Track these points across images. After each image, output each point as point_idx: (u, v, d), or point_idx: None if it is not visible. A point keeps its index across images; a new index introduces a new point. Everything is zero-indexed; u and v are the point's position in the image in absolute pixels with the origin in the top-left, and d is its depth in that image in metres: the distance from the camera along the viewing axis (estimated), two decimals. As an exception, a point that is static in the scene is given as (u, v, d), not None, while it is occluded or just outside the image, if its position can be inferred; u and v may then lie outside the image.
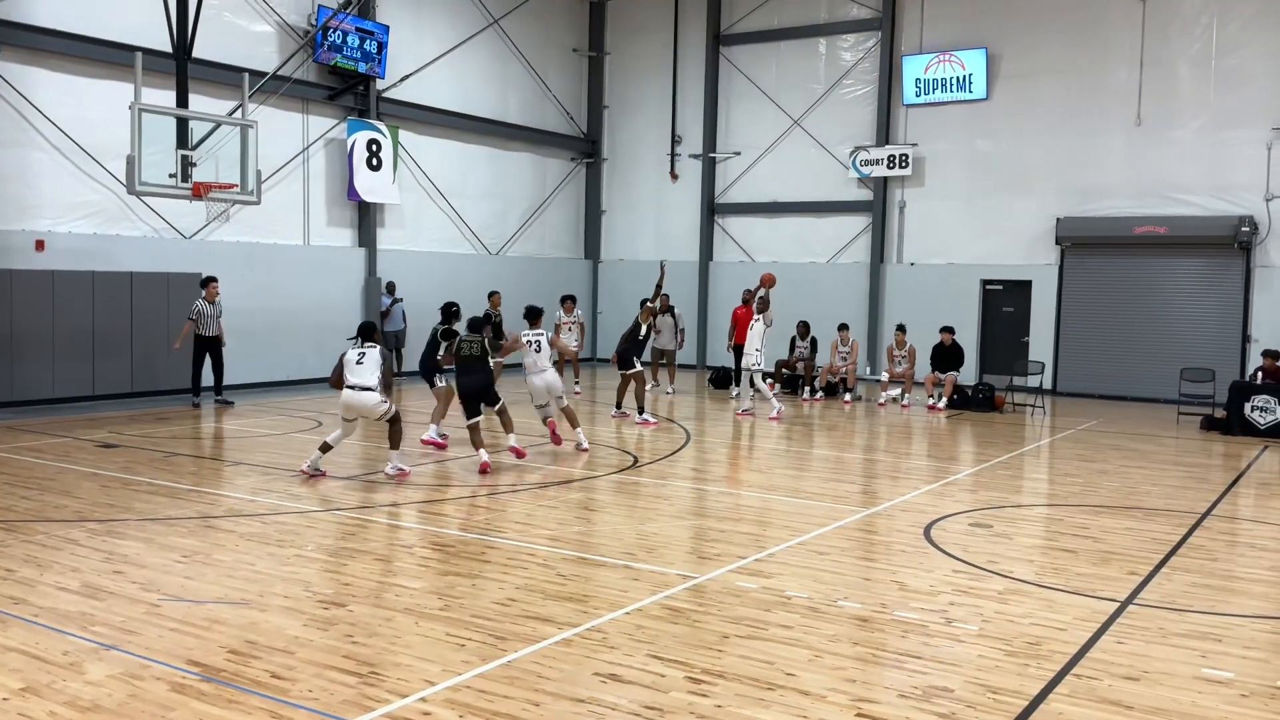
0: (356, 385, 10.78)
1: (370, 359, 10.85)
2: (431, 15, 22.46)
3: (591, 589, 7.26)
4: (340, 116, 20.71)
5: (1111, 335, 20.89)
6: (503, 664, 5.76)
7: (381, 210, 21.69)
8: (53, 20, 15.99)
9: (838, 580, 7.60)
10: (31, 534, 8.45)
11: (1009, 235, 21.84)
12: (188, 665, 5.66)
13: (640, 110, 26.52)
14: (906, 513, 10.01)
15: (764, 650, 6.05)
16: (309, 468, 11.01)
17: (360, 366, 10.81)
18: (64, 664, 5.66)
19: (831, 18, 23.84)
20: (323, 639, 6.12)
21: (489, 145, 24.18)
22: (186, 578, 7.37)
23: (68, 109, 16.31)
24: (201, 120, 14.75)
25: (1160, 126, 20.25)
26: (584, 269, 27.14)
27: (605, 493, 10.80)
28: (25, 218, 16.02)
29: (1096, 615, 6.86)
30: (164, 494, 10.17)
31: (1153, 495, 11.08)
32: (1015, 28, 21.59)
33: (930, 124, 22.67)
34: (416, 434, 13.06)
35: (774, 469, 12.77)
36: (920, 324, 20.48)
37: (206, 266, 17.42)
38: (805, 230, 24.37)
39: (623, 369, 15.90)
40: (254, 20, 18.99)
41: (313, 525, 9.09)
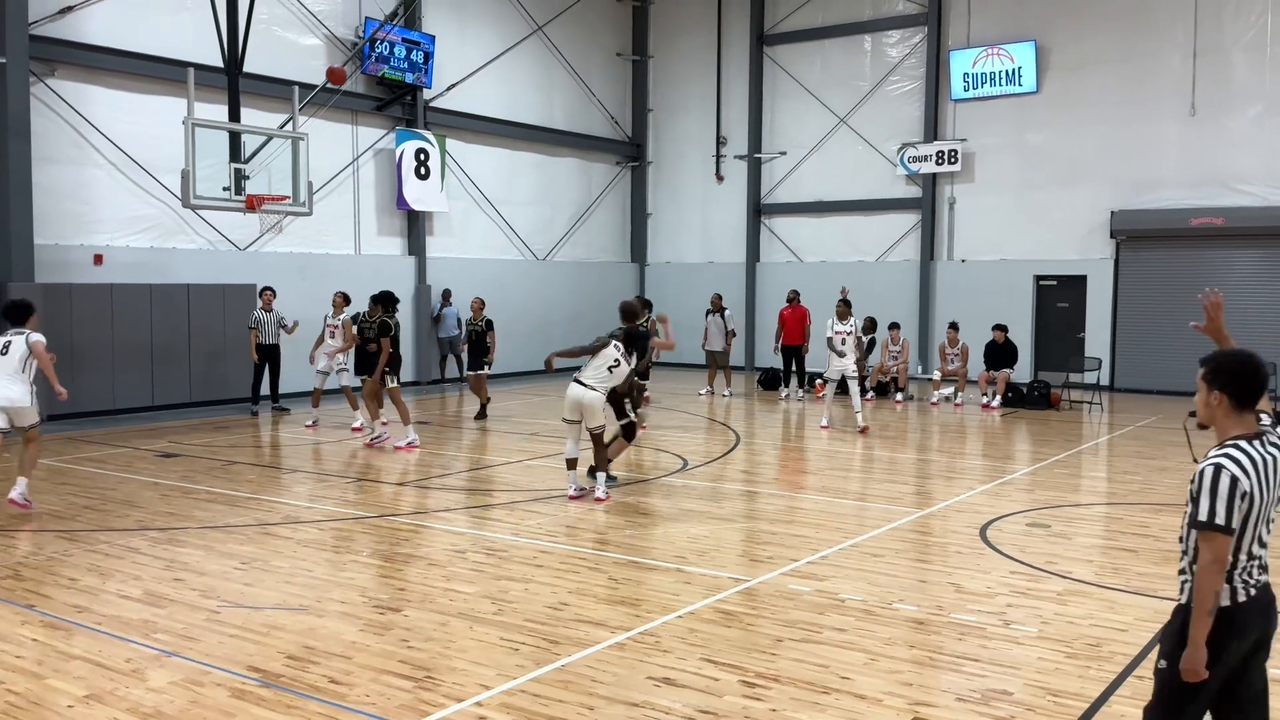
0: (582, 380, 10.23)
1: (620, 373, 10.35)
2: (476, 24, 22.64)
3: (644, 593, 7.26)
4: (389, 127, 20.94)
5: (1169, 329, 20.47)
6: (556, 668, 5.77)
7: (430, 218, 21.89)
8: (106, 38, 16.34)
9: (892, 582, 7.53)
10: (94, 543, 8.62)
11: (1062, 229, 21.53)
12: (247, 671, 5.74)
13: (684, 112, 26.51)
14: (961, 513, 9.89)
15: (818, 654, 6.01)
16: (575, 491, 10.43)
17: (597, 367, 10.31)
18: (126, 671, 5.76)
19: (876, 14, 23.67)
20: (379, 644, 6.18)
21: (535, 151, 24.31)
22: (245, 584, 7.48)
23: (123, 125, 16.65)
24: (253, 133, 14.98)
25: (1215, 115, 19.85)
26: (631, 272, 27.18)
27: (655, 496, 10.79)
28: (84, 233, 16.38)
29: (1158, 615, 6.72)
30: (222, 502, 10.33)
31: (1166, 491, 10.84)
32: (1064, 19, 21.28)
33: (979, 118, 22.41)
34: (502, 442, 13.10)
35: (825, 470, 12.69)
36: (972, 321, 20.26)
37: (261, 277, 17.68)
38: (853, 229, 24.21)
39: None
40: (303, 34, 19.26)
41: (368, 531, 9.18)
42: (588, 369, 10.35)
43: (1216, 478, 3.53)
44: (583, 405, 10.20)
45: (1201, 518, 3.53)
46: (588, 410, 10.19)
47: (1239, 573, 3.62)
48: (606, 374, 10.28)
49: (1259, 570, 3.68)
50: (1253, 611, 3.65)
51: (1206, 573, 3.52)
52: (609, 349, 10.35)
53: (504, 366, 23.04)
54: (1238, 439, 3.63)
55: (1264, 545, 3.67)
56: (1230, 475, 3.52)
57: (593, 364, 10.33)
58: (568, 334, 24.89)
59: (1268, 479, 3.61)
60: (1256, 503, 3.57)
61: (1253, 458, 3.58)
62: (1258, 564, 3.67)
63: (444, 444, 14.25)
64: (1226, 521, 3.50)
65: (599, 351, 10.34)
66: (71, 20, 15.99)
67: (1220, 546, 3.52)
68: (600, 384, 10.26)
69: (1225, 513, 3.50)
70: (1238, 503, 3.51)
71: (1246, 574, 3.63)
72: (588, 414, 10.21)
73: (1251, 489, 3.54)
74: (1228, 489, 3.51)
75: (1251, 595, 3.64)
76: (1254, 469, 3.57)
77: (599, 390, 10.23)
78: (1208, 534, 3.52)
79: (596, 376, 10.25)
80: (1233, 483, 3.51)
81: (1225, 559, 3.54)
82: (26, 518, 9.51)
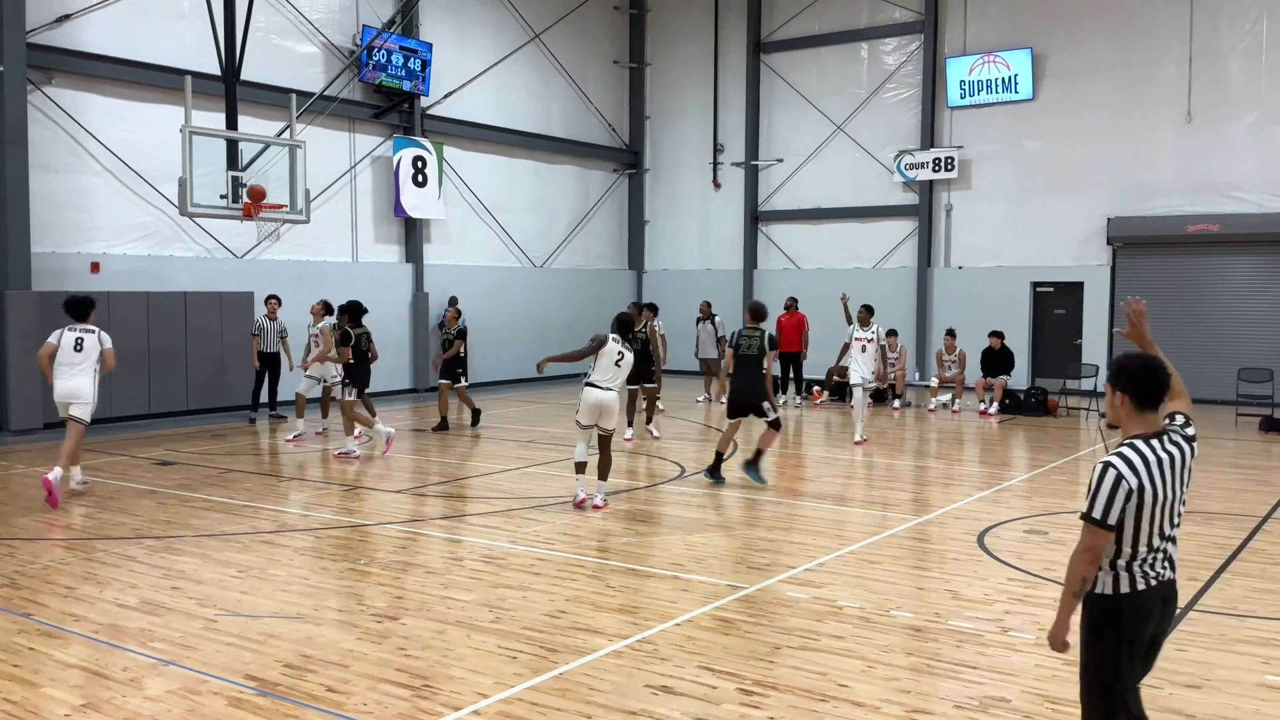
0: (603, 385, 10.12)
1: (627, 364, 10.32)
2: (474, 32, 22.67)
3: (641, 600, 7.25)
4: (386, 134, 20.95)
5: (1166, 336, 20.13)
6: (554, 676, 5.77)
7: (428, 226, 21.90)
8: (103, 46, 16.36)
9: (890, 589, 7.53)
10: (91, 551, 8.61)
11: (1059, 236, 21.57)
12: (244, 680, 5.73)
13: (682, 120, 26.55)
14: (959, 520, 9.90)
15: (816, 661, 6.01)
16: (584, 495, 10.29)
17: (618, 370, 10.22)
18: (123, 680, 5.75)
19: (873, 22, 23.73)
20: (376, 652, 6.17)
21: (532, 159, 24.34)
22: (242, 593, 7.46)
23: (120, 133, 16.66)
24: (251, 141, 14.99)
25: (1211, 122, 19.91)
26: (628, 279, 27.19)
27: (653, 503, 10.79)
28: (81, 241, 16.37)
29: (1156, 622, 6.73)
30: (219, 510, 10.32)
31: (1212, 498, 10.86)
32: (1060, 26, 21.34)
33: (976, 126, 22.46)
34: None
35: (823, 477, 12.69)
36: (969, 328, 20.29)
37: (258, 285, 17.69)
38: (850, 236, 24.24)
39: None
40: (300, 42, 19.29)
41: (365, 539, 9.17)
42: (596, 371, 10.19)
43: (1103, 475, 3.78)
44: (604, 407, 10.10)
45: (1084, 510, 3.83)
46: (607, 411, 10.13)
47: (1138, 563, 3.86)
48: (616, 370, 10.21)
49: (1161, 563, 3.91)
50: (1153, 600, 3.88)
51: (1079, 559, 3.81)
52: (609, 345, 10.26)
53: (502, 374, 23.10)
54: (1136, 438, 3.89)
55: (1167, 539, 3.90)
56: (1115, 473, 3.77)
57: (600, 365, 10.20)
58: (565, 341, 24.78)
59: (1164, 475, 3.83)
60: (1149, 497, 3.78)
61: (1146, 456, 3.81)
62: (1160, 556, 3.90)
63: (442, 451, 14.25)
64: (1103, 516, 3.76)
65: (600, 350, 10.23)
66: (69, 28, 16.01)
67: (1095, 538, 3.79)
68: (614, 383, 10.18)
69: (1104, 508, 3.76)
70: (1119, 500, 3.76)
71: (1147, 565, 3.87)
72: (606, 415, 10.15)
73: (1140, 485, 3.76)
74: (1110, 486, 3.76)
75: (1152, 585, 3.87)
76: (1145, 466, 3.79)
77: (615, 390, 10.18)
78: (1088, 525, 3.80)
79: (607, 376, 10.16)
80: (1116, 480, 3.76)
81: (1099, 550, 3.80)
82: (40, 512, 9.50)
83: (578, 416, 10.27)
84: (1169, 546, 3.94)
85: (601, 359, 10.21)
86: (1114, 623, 3.86)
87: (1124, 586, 3.86)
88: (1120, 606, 3.86)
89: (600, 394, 10.11)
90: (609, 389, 10.13)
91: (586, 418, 10.18)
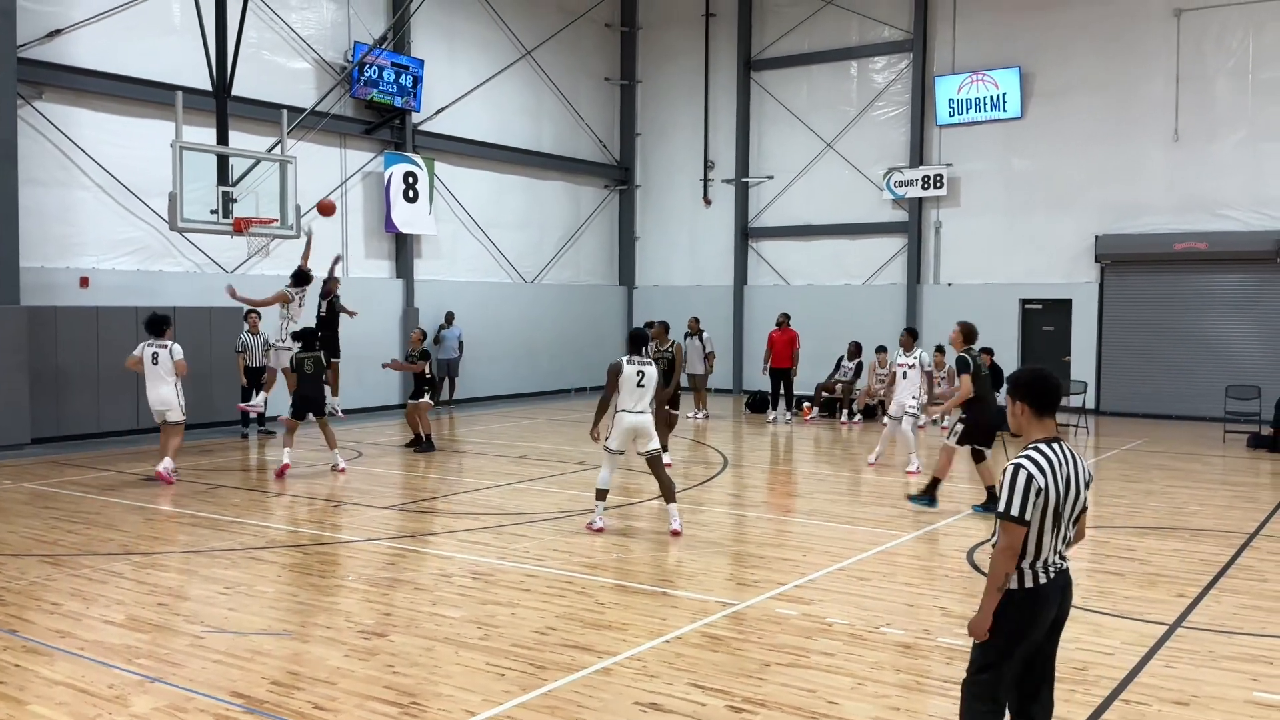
0: (639, 410, 9.86)
1: (650, 379, 9.97)
2: (465, 48, 22.73)
3: (630, 617, 7.23)
4: (377, 150, 20.97)
5: (1154, 353, 20.62)
6: (543, 693, 5.75)
7: (419, 241, 21.90)
8: (94, 61, 16.35)
9: (880, 606, 7.52)
10: (77, 568, 8.56)
11: (1047, 254, 21.67)
12: (231, 697, 5.69)
13: (672, 136, 26.63)
14: (949, 536, 9.90)
15: (806, 678, 6.00)
16: (600, 524, 10.10)
17: (642, 390, 9.90)
18: (109, 697, 5.71)
19: (863, 40, 23.87)
20: (364, 669, 6.14)
21: (523, 175, 24.38)
22: (230, 609, 7.43)
23: (110, 148, 16.64)
24: (241, 157, 14.99)
25: (1199, 141, 20.04)
26: (619, 295, 27.22)
27: (643, 520, 10.77)
28: (70, 255, 16.33)
29: (1144, 639, 6.74)
30: (207, 526, 10.27)
31: (1200, 515, 10.89)
32: (1048, 46, 21.49)
33: (965, 144, 22.58)
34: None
35: (813, 494, 12.69)
36: (959, 345, 20.34)
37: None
38: (840, 252, 24.31)
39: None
40: (292, 58, 19.31)
41: (353, 555, 9.14)
42: (625, 398, 9.87)
43: (1015, 475, 4.08)
44: (638, 430, 9.82)
45: (1000, 509, 4.11)
46: (643, 434, 9.84)
47: (1040, 561, 4.16)
48: (641, 390, 9.92)
49: (1059, 558, 4.24)
50: (1052, 591, 4.20)
51: (1001, 555, 4.11)
52: (626, 371, 9.91)
53: (492, 389, 23.07)
54: (1038, 442, 4.20)
55: (1063, 540, 4.23)
56: (1026, 473, 4.07)
57: (625, 392, 9.87)
58: (555, 357, 24.94)
59: (1064, 476, 4.15)
60: (1053, 497, 4.10)
61: (1049, 458, 4.14)
62: (1056, 552, 4.21)
63: (432, 467, 14.21)
64: (1020, 513, 4.06)
65: (619, 378, 9.87)
66: (60, 43, 16.01)
67: (1013, 534, 4.08)
68: (645, 404, 9.93)
69: (1020, 505, 4.05)
70: (1032, 497, 4.05)
71: (1046, 561, 4.18)
72: (643, 438, 9.85)
73: (1046, 485, 4.08)
74: (1024, 485, 4.06)
75: (1050, 578, 4.20)
76: (1050, 467, 4.12)
77: (648, 411, 9.95)
78: (1005, 523, 4.09)
79: (636, 398, 9.89)
80: (1028, 479, 4.06)
81: (1018, 546, 4.09)
82: (27, 529, 9.44)
83: (606, 442, 9.93)
84: (1065, 543, 4.26)
85: (624, 385, 9.86)
86: (1010, 616, 4.15)
87: (1028, 582, 4.16)
88: (1022, 602, 4.16)
89: (633, 418, 9.82)
90: (641, 412, 9.85)
91: (617, 442, 9.87)
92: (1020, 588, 4.16)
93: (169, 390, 12.64)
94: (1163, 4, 20.24)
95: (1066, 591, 4.30)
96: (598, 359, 26.30)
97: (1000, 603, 4.16)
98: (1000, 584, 4.13)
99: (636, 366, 9.94)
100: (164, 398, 12.64)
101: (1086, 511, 4.35)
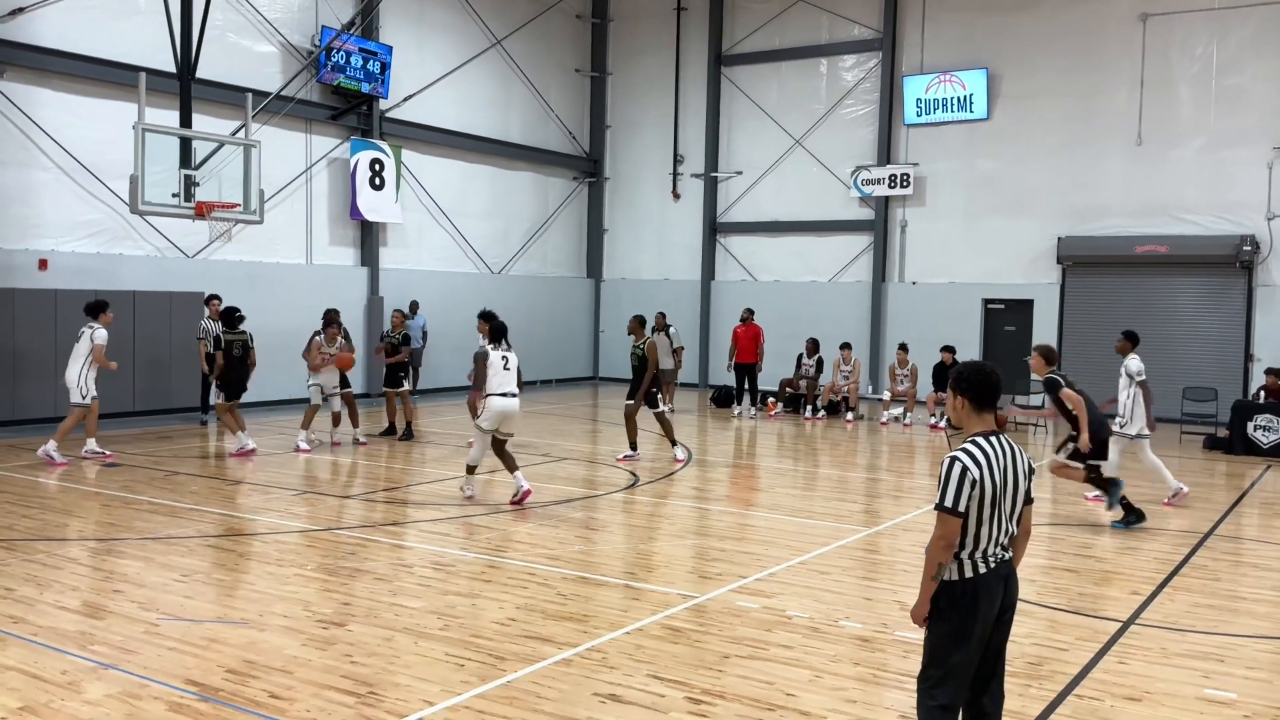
0: (511, 393, 10.63)
1: (514, 363, 10.75)
2: (434, 36, 22.58)
3: (592, 609, 7.24)
4: (343, 136, 20.79)
5: (1113, 354, 20.73)
6: (502, 684, 5.74)
7: (384, 229, 21.75)
8: (57, 41, 16.09)
9: (839, 600, 7.57)
10: (32, 553, 8.44)
11: (1010, 254, 21.87)
12: (186, 685, 5.64)
13: (642, 130, 26.61)
14: (909, 532, 9.98)
15: (764, 670, 6.03)
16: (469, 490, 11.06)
17: (509, 373, 10.66)
18: (62, 683, 5.64)
19: (833, 38, 23.95)
20: (321, 658, 6.10)
21: (491, 165, 24.27)
22: (186, 597, 7.35)
23: (71, 129, 16.38)
24: (205, 140, 14.80)
25: (1161, 146, 20.30)
26: (586, 288, 27.18)
27: (606, 511, 10.78)
28: (28, 237, 16.08)
29: (1098, 635, 6.83)
30: (164, 513, 10.16)
31: (1155, 515, 11.04)
32: (1015, 49, 21.67)
33: (931, 144, 22.73)
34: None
35: (776, 488, 12.75)
36: (922, 343, 20.53)
37: (209, 285, 17.45)
38: (807, 249, 24.41)
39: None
40: (258, 41, 19.09)
41: (313, 544, 9.08)
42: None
43: (950, 468, 4.18)
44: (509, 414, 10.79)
45: (936, 500, 4.21)
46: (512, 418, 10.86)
47: (979, 551, 4.22)
48: (508, 374, 10.77)
49: (1000, 549, 4.28)
50: (993, 580, 4.25)
51: (935, 546, 4.19)
52: (494, 355, 10.74)
53: (457, 380, 22.93)
54: (977, 435, 4.30)
55: (1003, 531, 4.27)
56: (961, 465, 4.16)
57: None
58: (520, 348, 24.54)
59: (1002, 468, 4.22)
60: (989, 489, 4.17)
61: (986, 451, 4.22)
62: (997, 544, 4.26)
63: (393, 457, 14.14)
64: (954, 505, 4.15)
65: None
66: (23, 22, 15.73)
67: (948, 525, 4.16)
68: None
69: (954, 497, 4.15)
70: (966, 489, 4.14)
71: (986, 551, 4.23)
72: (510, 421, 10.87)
73: (981, 477, 4.16)
74: (958, 477, 4.15)
75: (991, 568, 4.24)
76: (986, 460, 4.19)
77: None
78: (940, 515, 4.18)
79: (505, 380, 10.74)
80: (962, 472, 4.15)
81: (952, 536, 4.17)
82: None
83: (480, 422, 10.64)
84: (1006, 534, 4.30)
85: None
86: (954, 607, 4.22)
87: (968, 572, 4.23)
88: (963, 591, 4.22)
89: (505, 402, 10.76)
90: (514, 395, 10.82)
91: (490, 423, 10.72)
92: (961, 578, 4.22)
93: (74, 371, 12.87)
94: (1129, 9, 20.47)
95: (1009, 581, 4.34)
96: (565, 351, 26.36)
97: (943, 594, 4.23)
98: (934, 573, 4.20)
99: (501, 352, 10.79)
100: (70, 378, 12.94)
101: (1032, 503, 4.40)
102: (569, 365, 26.59)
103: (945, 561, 4.19)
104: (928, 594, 4.24)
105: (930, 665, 4.31)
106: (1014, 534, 4.35)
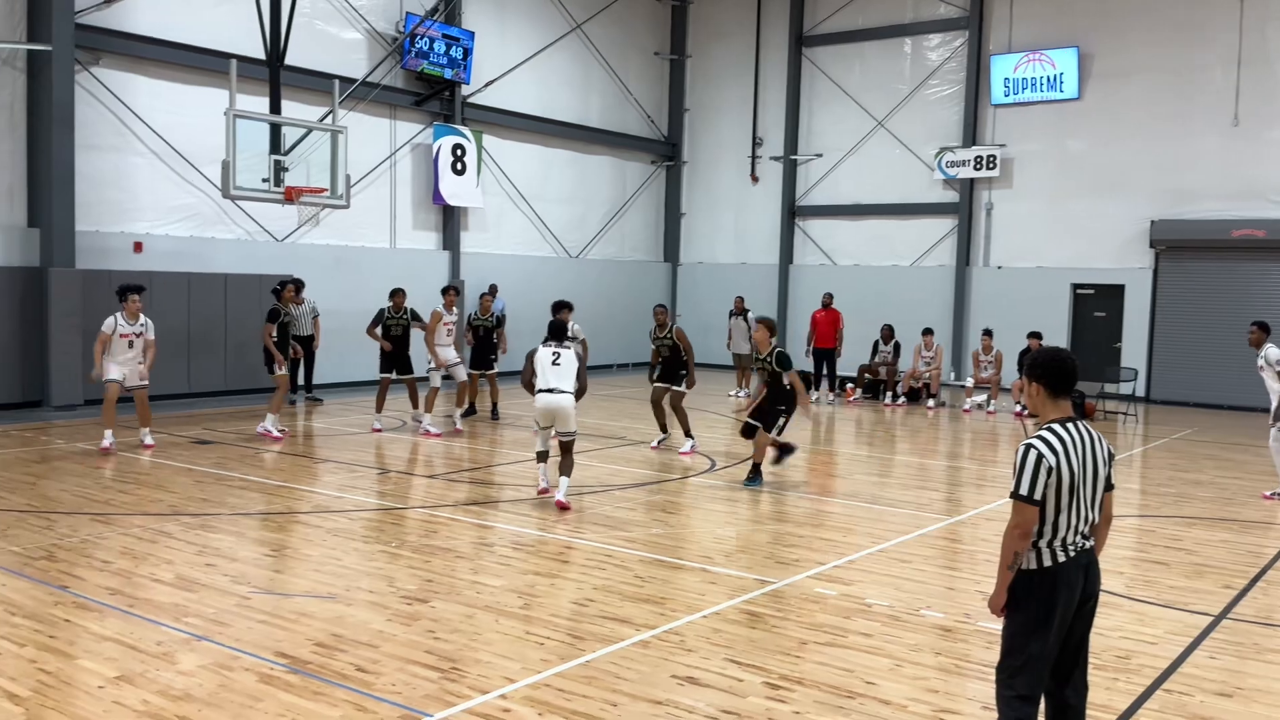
0: (554, 389, 9.91)
1: (567, 360, 10.00)
2: (515, 21, 22.72)
3: (669, 591, 7.26)
4: (426, 121, 21.05)
5: (1208, 341, 20.23)
6: (581, 664, 5.79)
7: (465, 214, 21.99)
8: (151, 29, 16.54)
9: (920, 589, 7.49)
10: (128, 527, 8.73)
11: (1100, 238, 21.32)
12: (276, 657, 5.80)
13: (721, 113, 26.47)
14: (991, 521, 9.82)
15: (843, 658, 5.99)
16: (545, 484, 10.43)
17: (557, 369, 9.95)
18: (157, 654, 5.83)
19: (917, 17, 23.55)
20: (406, 634, 6.22)
21: (570, 149, 24.37)
22: (276, 571, 7.55)
23: (165, 115, 16.84)
24: (293, 126, 15.11)
25: (1258, 127, 19.59)
26: (663, 272, 27.18)
27: (683, 496, 10.79)
28: (124, 220, 16.58)
29: (1189, 629, 6.66)
30: (255, 489, 10.43)
31: (1249, 507, 10.71)
32: (1108, 26, 21.07)
33: (1019, 124, 22.24)
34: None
35: (855, 475, 12.64)
36: (1007, 329, 20.12)
37: (297, 269, 17.83)
38: (888, 232, 24.09)
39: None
40: (344, 28, 19.40)
41: (397, 522, 9.25)
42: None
43: (1025, 455, 4.12)
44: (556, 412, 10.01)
45: (1012, 489, 4.14)
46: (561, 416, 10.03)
47: (1058, 540, 4.15)
48: (557, 369, 10.06)
49: (1080, 537, 4.20)
50: (1073, 569, 4.18)
51: (1010, 535, 4.14)
52: (542, 351, 10.07)
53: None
54: (1053, 422, 4.23)
55: (1083, 519, 4.19)
56: (1036, 453, 4.10)
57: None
58: (598, 332, 24.89)
59: (1080, 455, 4.15)
60: (1066, 476, 4.10)
61: (1063, 438, 4.15)
62: (1077, 532, 4.19)
63: (477, 438, 14.31)
64: (1030, 493, 4.08)
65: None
66: (117, 10, 16.19)
67: (1024, 513, 4.10)
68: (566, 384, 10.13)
69: (1029, 485, 4.08)
70: (1042, 477, 4.08)
71: (1065, 540, 4.16)
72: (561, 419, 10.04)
73: (1059, 464, 4.09)
74: (1033, 465, 4.09)
75: (1071, 556, 4.17)
76: (1063, 447, 4.12)
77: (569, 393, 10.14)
78: (1016, 503, 4.12)
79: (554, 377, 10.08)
80: (1038, 459, 4.09)
81: (1028, 524, 4.10)
82: (78, 487, 9.66)
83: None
84: (1085, 527, 4.22)
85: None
86: (1032, 596, 4.15)
87: (1046, 561, 4.16)
88: (1041, 581, 4.15)
89: (549, 398, 9.92)
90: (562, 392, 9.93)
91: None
92: (1039, 566, 4.15)
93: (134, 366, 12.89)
94: (1228, -15, 19.79)
95: (1090, 570, 4.26)
96: (641, 335, 26.34)
97: (1020, 582, 4.17)
98: (1009, 562, 4.15)
99: (552, 349, 9.99)
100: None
101: (1113, 490, 4.32)
102: (646, 349, 26.55)
103: (1021, 550, 4.14)
104: (1005, 583, 4.19)
105: (1008, 655, 4.24)
106: (1095, 522, 4.26)
